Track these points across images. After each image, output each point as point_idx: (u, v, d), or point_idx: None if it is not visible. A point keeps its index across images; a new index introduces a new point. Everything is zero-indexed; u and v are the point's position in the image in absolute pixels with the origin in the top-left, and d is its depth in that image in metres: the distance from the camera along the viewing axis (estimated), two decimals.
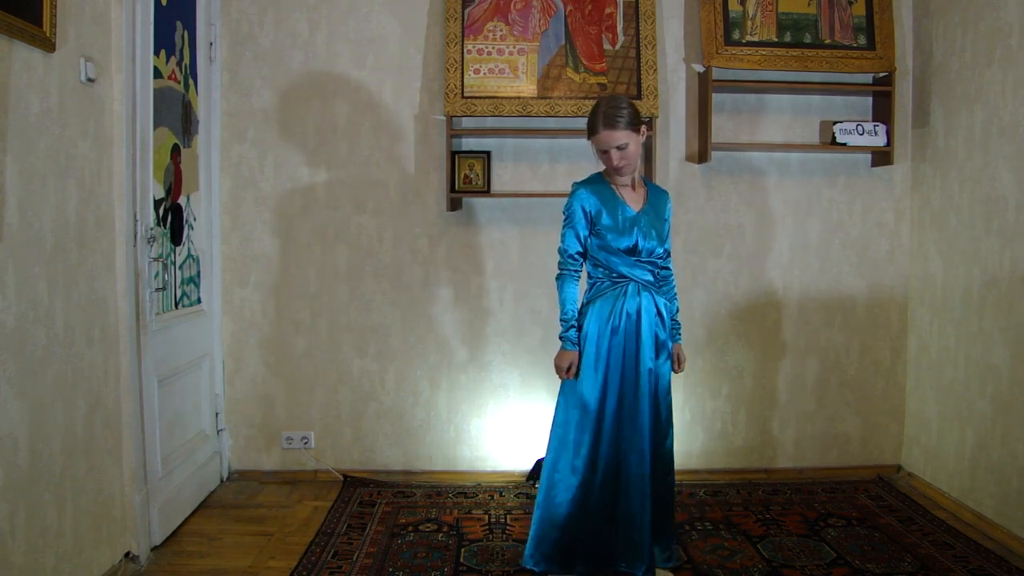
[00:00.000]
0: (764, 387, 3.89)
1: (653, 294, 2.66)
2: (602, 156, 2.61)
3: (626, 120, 2.56)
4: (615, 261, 2.64)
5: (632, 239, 2.61)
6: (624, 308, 2.61)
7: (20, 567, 2.22)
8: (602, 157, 2.62)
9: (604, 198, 2.65)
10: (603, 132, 2.56)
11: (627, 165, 2.60)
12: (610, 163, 2.60)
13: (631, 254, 2.63)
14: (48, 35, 2.32)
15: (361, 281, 3.80)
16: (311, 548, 3.02)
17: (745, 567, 2.87)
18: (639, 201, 2.68)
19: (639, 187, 2.71)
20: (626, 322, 2.61)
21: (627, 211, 2.63)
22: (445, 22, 3.64)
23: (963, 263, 3.41)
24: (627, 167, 2.61)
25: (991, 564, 2.88)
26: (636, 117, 2.60)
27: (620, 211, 2.63)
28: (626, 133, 2.56)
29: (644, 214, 2.65)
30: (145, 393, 2.93)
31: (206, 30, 3.57)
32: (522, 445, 3.82)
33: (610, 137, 2.55)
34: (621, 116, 2.56)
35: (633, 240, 2.61)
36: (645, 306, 2.62)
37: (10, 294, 2.19)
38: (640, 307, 2.62)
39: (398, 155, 3.77)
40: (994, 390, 3.19)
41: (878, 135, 3.66)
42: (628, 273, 2.64)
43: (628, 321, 2.61)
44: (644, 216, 2.65)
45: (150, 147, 2.96)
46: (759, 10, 3.68)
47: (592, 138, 2.61)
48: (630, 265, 2.64)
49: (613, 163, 2.59)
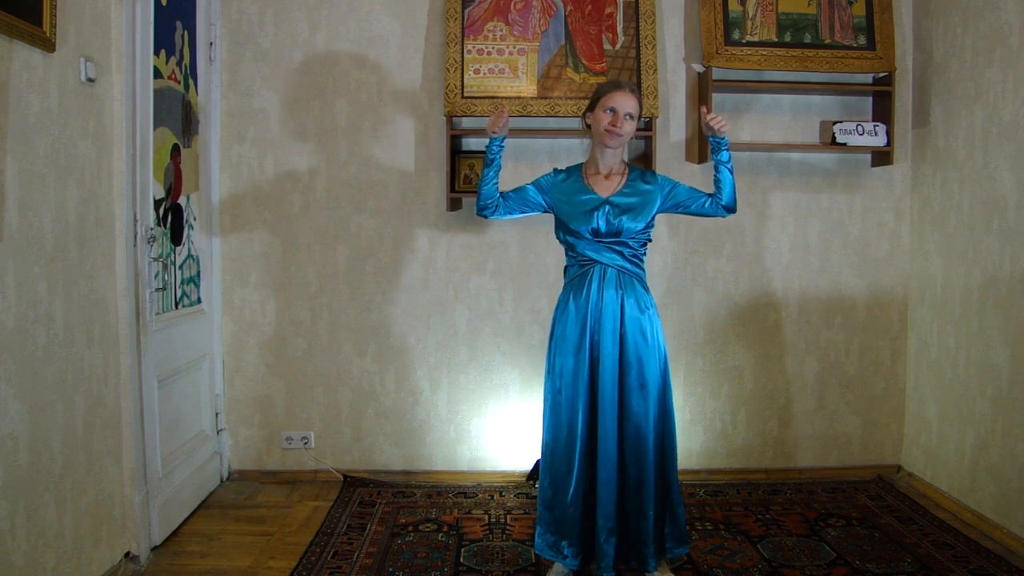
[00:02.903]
0: (764, 387, 3.89)
1: (621, 280, 2.66)
2: (605, 115, 2.63)
3: (641, 99, 2.70)
4: (580, 244, 2.68)
5: (592, 222, 2.64)
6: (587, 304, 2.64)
7: (20, 567, 2.22)
8: (604, 115, 2.63)
9: (573, 185, 2.72)
10: (624, 91, 2.64)
11: (623, 137, 2.64)
12: (614, 123, 2.61)
13: (595, 236, 2.65)
14: (48, 35, 2.32)
15: (361, 281, 3.80)
16: (311, 548, 3.02)
17: (745, 567, 2.87)
18: (610, 188, 2.70)
19: (615, 175, 2.73)
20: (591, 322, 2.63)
21: (592, 197, 2.67)
22: (445, 22, 3.64)
23: (963, 263, 3.41)
24: (620, 139, 2.65)
25: (991, 564, 2.88)
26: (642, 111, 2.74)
27: (584, 198, 2.67)
28: (636, 106, 2.65)
29: (613, 199, 2.67)
30: (145, 393, 2.93)
31: (206, 30, 3.58)
32: (522, 445, 3.82)
33: (628, 99, 2.63)
34: (637, 91, 2.69)
35: (593, 223, 2.64)
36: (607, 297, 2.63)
37: (10, 294, 2.19)
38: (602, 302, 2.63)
39: (398, 155, 3.77)
40: (994, 390, 3.19)
41: (878, 135, 3.66)
42: (595, 256, 2.66)
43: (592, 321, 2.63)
44: (612, 201, 2.66)
45: (150, 147, 2.96)
46: (759, 10, 3.68)
47: (606, 95, 2.64)
48: (596, 249, 2.66)
49: (617, 123, 2.61)
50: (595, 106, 2.68)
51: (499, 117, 2.65)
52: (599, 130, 2.65)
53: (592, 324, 2.63)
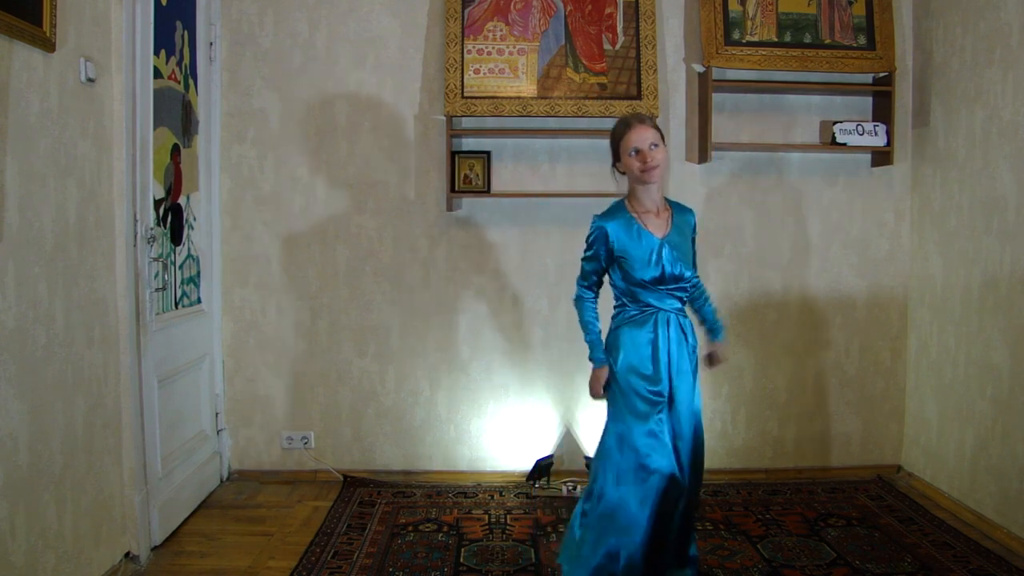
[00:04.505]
0: (764, 387, 3.89)
1: (681, 321, 2.56)
2: (633, 158, 2.49)
3: (655, 123, 2.56)
4: (642, 293, 2.53)
5: (658, 269, 2.49)
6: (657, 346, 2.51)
7: (20, 567, 2.22)
8: (633, 160, 2.50)
9: (627, 229, 2.53)
10: (637, 127, 2.50)
11: (658, 169, 2.50)
12: (644, 161, 2.48)
13: (659, 283, 2.51)
14: (48, 35, 2.32)
15: (361, 281, 3.80)
16: (311, 548, 3.02)
17: (745, 567, 2.87)
18: (663, 227, 2.56)
19: (663, 211, 2.59)
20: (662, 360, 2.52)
21: (651, 240, 2.51)
22: (445, 22, 3.64)
23: (963, 263, 3.41)
24: (658, 171, 2.50)
25: (991, 564, 2.88)
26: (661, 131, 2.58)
27: (644, 241, 2.52)
28: (656, 134, 2.52)
29: (669, 239, 2.54)
30: (145, 393, 2.93)
31: (206, 30, 3.57)
32: (522, 445, 3.83)
33: (644, 132, 2.49)
34: (650, 119, 2.56)
35: (659, 271, 2.49)
36: (675, 341, 2.53)
37: (10, 294, 2.19)
38: (670, 343, 2.52)
39: (398, 155, 3.77)
40: (994, 390, 3.19)
41: (878, 135, 3.66)
42: (657, 303, 2.52)
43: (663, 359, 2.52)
44: (669, 242, 2.53)
45: (150, 147, 2.96)
46: (759, 10, 3.68)
47: (623, 139, 2.51)
48: (659, 296, 2.52)
49: (648, 161, 2.47)
50: (619, 154, 2.56)
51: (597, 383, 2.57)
52: (635, 175, 2.52)
53: (665, 361, 2.51)
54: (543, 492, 3.64)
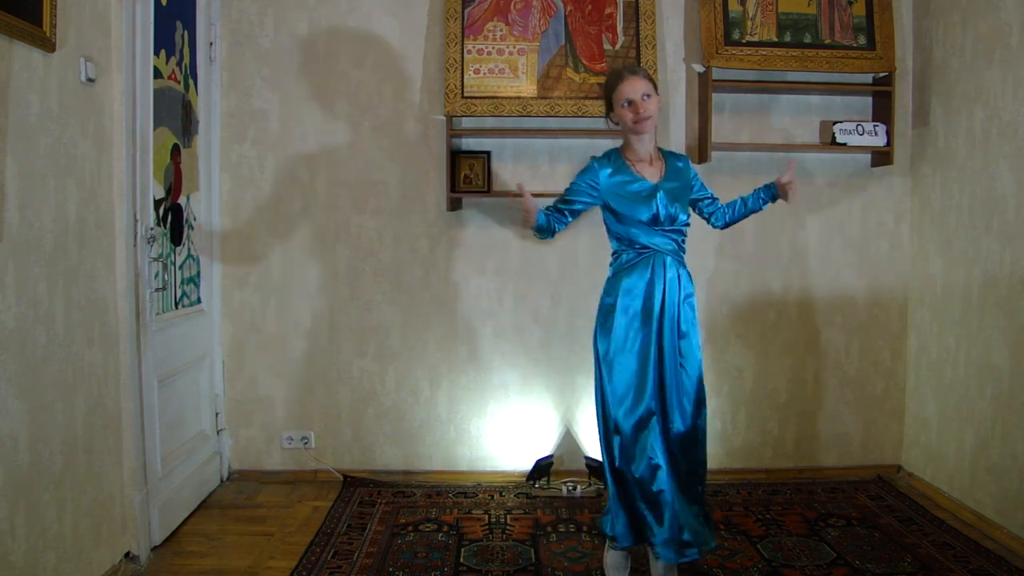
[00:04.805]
0: (764, 387, 3.89)
1: (677, 265, 2.65)
2: (626, 109, 2.59)
3: (647, 74, 2.65)
4: (635, 232, 2.63)
5: (652, 209, 2.60)
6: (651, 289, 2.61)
7: (20, 567, 2.22)
8: (626, 111, 2.60)
9: (620, 173, 2.65)
10: (629, 78, 2.59)
11: (650, 120, 2.60)
12: (636, 112, 2.58)
13: (653, 224, 2.62)
14: (48, 35, 2.32)
15: (361, 281, 3.80)
16: (311, 548, 3.02)
17: (745, 567, 2.87)
18: (657, 174, 2.68)
19: (656, 161, 2.70)
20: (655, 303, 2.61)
21: (644, 183, 2.64)
22: (445, 22, 3.64)
23: (963, 263, 3.41)
24: (650, 122, 2.60)
25: (991, 564, 2.88)
26: (654, 81, 2.67)
27: (638, 185, 2.63)
28: (649, 85, 2.61)
29: (662, 184, 2.65)
30: (145, 393, 2.93)
31: (206, 30, 3.58)
32: (522, 445, 3.83)
33: (636, 83, 2.58)
34: (642, 70, 2.66)
35: (653, 210, 2.60)
36: (669, 284, 2.62)
37: (10, 294, 2.19)
38: (665, 287, 2.61)
39: (398, 155, 3.77)
40: (994, 390, 3.19)
41: (878, 135, 3.66)
42: (650, 243, 2.63)
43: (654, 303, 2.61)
44: (663, 187, 2.64)
45: (150, 147, 2.96)
46: (759, 10, 3.68)
47: (616, 90, 2.61)
48: (651, 235, 2.63)
49: (639, 112, 2.57)
50: (612, 106, 2.66)
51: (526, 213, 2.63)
52: (628, 125, 2.63)
53: (660, 298, 2.61)
54: (543, 492, 3.64)
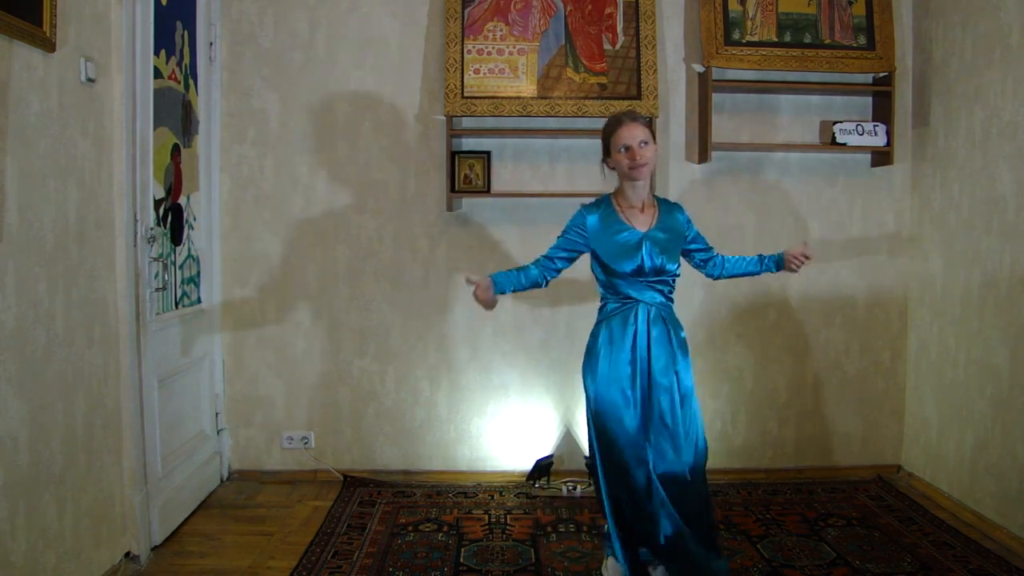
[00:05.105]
0: (764, 387, 3.89)
1: (663, 316, 2.59)
2: (623, 155, 2.55)
3: (646, 122, 2.61)
4: (621, 284, 2.58)
5: (636, 261, 2.54)
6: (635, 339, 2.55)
7: (20, 567, 2.22)
8: (622, 156, 2.56)
9: (608, 221, 2.60)
10: (628, 124, 2.56)
11: (646, 167, 2.56)
12: (633, 158, 2.53)
13: (637, 275, 2.56)
14: (48, 35, 2.32)
15: (361, 281, 3.80)
16: (311, 548, 3.02)
17: (745, 567, 2.87)
18: (647, 223, 2.61)
19: (648, 208, 2.64)
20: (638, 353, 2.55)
21: (633, 234, 2.57)
22: (445, 22, 3.64)
23: (963, 263, 3.41)
24: (646, 168, 2.56)
25: (991, 564, 2.88)
26: (652, 130, 2.64)
27: (625, 235, 2.57)
28: (647, 132, 2.57)
29: (650, 235, 2.59)
30: (145, 393, 2.93)
31: (206, 30, 3.57)
32: (522, 445, 3.83)
33: (634, 129, 2.55)
34: (642, 116, 2.63)
35: (638, 262, 2.54)
36: (655, 333, 2.56)
37: (10, 294, 2.19)
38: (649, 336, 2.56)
39: (398, 155, 3.77)
40: (994, 390, 3.19)
41: (878, 135, 3.66)
42: (636, 296, 2.57)
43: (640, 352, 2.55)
44: (651, 237, 2.58)
45: (150, 147, 2.96)
46: (759, 10, 3.68)
47: (614, 135, 2.57)
48: (638, 288, 2.57)
49: (636, 158, 2.53)
50: (609, 150, 2.61)
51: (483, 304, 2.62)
52: (623, 171, 2.58)
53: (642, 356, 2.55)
54: (543, 492, 3.64)
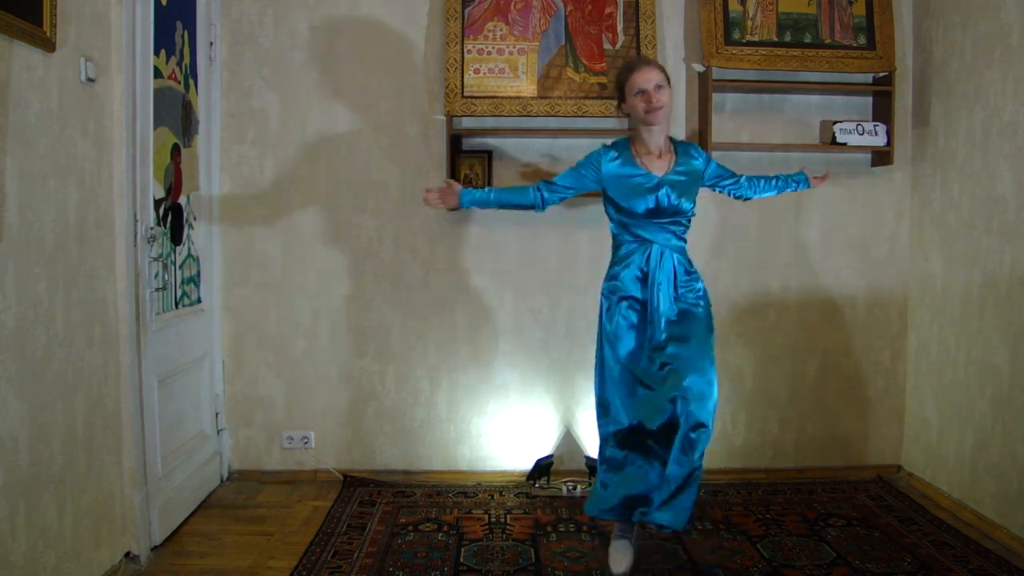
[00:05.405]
0: (764, 387, 3.89)
1: (674, 256, 2.67)
2: (638, 99, 2.60)
3: (661, 66, 2.67)
4: (635, 225, 2.64)
5: (651, 201, 2.60)
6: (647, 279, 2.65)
7: (20, 567, 2.22)
8: (638, 101, 2.60)
9: (626, 167, 2.66)
10: (642, 68, 2.61)
11: (662, 110, 2.60)
12: (648, 101, 2.58)
13: (651, 216, 2.62)
14: (48, 35, 2.32)
15: (361, 281, 3.80)
16: (311, 548, 3.03)
17: (745, 567, 2.87)
18: (664, 167, 2.67)
19: (666, 153, 2.70)
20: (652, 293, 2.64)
21: (650, 178, 2.64)
22: (445, 22, 3.64)
23: (963, 263, 3.41)
24: (662, 112, 2.60)
25: (991, 564, 2.88)
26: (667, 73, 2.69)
27: (641, 177, 2.63)
28: (662, 75, 2.62)
29: (667, 178, 2.65)
30: (145, 393, 2.93)
31: (206, 30, 3.57)
32: (522, 445, 3.83)
33: (649, 73, 2.59)
34: (656, 62, 2.71)
35: (652, 203, 2.60)
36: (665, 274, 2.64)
37: (10, 294, 2.19)
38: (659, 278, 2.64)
39: (398, 155, 3.77)
40: (994, 390, 3.19)
41: (878, 135, 3.66)
42: (650, 237, 2.64)
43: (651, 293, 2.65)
44: (668, 179, 2.64)
45: (150, 147, 2.96)
46: (759, 10, 3.68)
47: (628, 80, 2.62)
48: (652, 229, 2.63)
49: (652, 101, 2.57)
50: (624, 96, 2.67)
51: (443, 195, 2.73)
52: (639, 116, 2.63)
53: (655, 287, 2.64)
54: (543, 492, 3.64)
